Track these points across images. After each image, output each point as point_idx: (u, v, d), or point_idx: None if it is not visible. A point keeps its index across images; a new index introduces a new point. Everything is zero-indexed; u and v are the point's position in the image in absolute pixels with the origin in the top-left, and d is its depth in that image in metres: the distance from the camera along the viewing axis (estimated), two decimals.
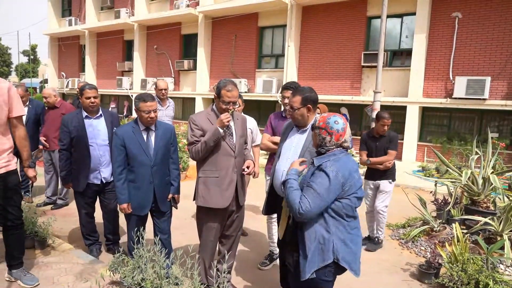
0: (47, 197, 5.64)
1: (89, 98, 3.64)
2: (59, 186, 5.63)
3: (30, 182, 3.26)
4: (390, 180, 4.49)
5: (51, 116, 5.34)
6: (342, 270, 2.15)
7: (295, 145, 2.77)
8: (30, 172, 3.14)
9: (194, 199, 3.06)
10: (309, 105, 2.72)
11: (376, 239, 4.55)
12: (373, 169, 4.50)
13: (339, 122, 2.18)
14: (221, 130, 2.84)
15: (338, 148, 2.18)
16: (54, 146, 5.24)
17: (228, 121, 2.86)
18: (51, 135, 5.31)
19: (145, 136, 3.18)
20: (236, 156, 2.99)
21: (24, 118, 4.78)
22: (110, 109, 16.15)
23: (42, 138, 5.35)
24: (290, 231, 2.33)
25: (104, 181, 3.76)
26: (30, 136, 5.02)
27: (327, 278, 2.12)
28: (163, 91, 5.59)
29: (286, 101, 3.57)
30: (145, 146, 3.15)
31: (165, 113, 5.57)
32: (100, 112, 3.79)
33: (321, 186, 2.03)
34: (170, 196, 3.35)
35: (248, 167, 3.00)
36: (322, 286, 2.15)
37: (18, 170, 3.23)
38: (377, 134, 4.50)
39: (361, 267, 2.23)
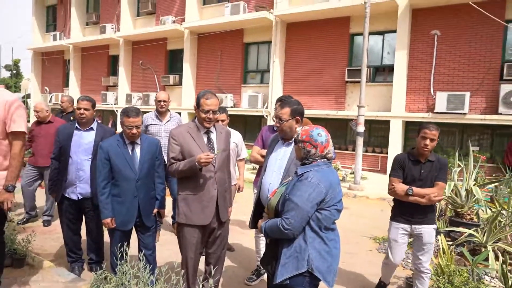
0: (26, 212, 5.43)
1: (79, 109, 3.58)
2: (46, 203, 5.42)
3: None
4: (435, 226, 3.31)
5: (43, 131, 5.11)
6: (317, 280, 2.17)
7: (281, 157, 2.78)
8: (4, 195, 2.75)
9: (173, 216, 3.02)
10: (297, 117, 2.75)
11: None
12: (410, 207, 3.21)
13: (322, 134, 2.21)
14: (198, 167, 2.75)
15: (323, 160, 2.21)
16: (47, 162, 4.66)
17: (206, 164, 2.73)
18: (45, 152, 4.98)
19: (130, 150, 3.13)
20: (216, 171, 2.93)
21: None
22: None
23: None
24: (272, 242, 2.35)
25: (80, 197, 3.60)
26: None
27: (304, 287, 2.14)
28: (162, 103, 4.86)
29: None
30: (130, 160, 3.11)
31: (163, 129, 4.81)
32: (93, 125, 3.68)
33: (301, 198, 2.06)
34: (155, 211, 3.29)
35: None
36: None
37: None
38: (422, 157, 3.24)
39: (348, 281, 2.23)
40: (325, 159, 2.22)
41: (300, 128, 2.30)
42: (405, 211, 3.26)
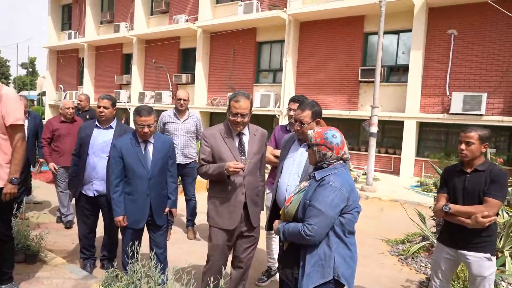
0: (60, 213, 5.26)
1: (99, 107, 3.64)
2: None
3: (22, 196, 3.06)
4: (489, 255, 2.59)
5: (70, 130, 4.96)
6: (341, 286, 2.10)
7: (298, 159, 2.71)
8: (7, 188, 2.80)
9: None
10: (318, 119, 2.70)
11: None
12: (455, 227, 2.65)
13: (337, 135, 2.14)
14: (226, 174, 2.69)
15: (339, 162, 2.14)
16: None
17: (234, 173, 2.68)
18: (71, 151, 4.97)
19: (142, 148, 3.14)
20: (245, 176, 2.82)
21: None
22: None
23: (46, 152, 4.97)
24: (292, 246, 2.27)
25: (96, 194, 3.67)
26: (29, 150, 4.92)
27: None
28: (182, 102, 4.80)
29: (292, 113, 3.54)
30: (142, 158, 3.11)
31: (181, 127, 4.82)
32: (112, 124, 3.72)
33: (325, 204, 1.99)
34: (167, 209, 3.28)
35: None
36: None
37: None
38: (467, 166, 2.68)
39: (361, 284, 2.19)
40: (341, 161, 2.15)
41: (312, 131, 2.22)
42: (451, 231, 2.70)
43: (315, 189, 2.08)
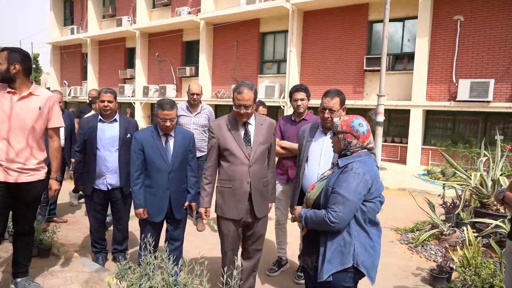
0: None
1: (103, 101, 3.63)
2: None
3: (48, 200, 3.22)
4: None
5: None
6: (360, 276, 2.09)
7: (326, 147, 2.74)
8: (54, 185, 3.09)
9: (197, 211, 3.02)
10: (345, 106, 2.79)
11: None
12: None
13: (363, 124, 2.12)
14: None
15: (364, 150, 2.12)
16: None
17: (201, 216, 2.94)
18: None
19: (163, 142, 3.14)
20: (251, 165, 2.81)
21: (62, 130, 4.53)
22: None
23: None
24: (312, 233, 2.26)
25: (110, 188, 3.69)
26: (67, 148, 4.87)
27: (347, 284, 2.05)
28: (195, 96, 4.77)
29: (300, 103, 3.54)
30: (163, 151, 3.12)
31: (193, 121, 4.82)
32: (116, 117, 3.73)
33: (349, 190, 1.97)
34: (186, 204, 3.29)
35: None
36: None
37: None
38: None
39: None
40: (366, 150, 2.13)
41: (338, 119, 2.20)
42: None
43: (338, 176, 2.06)
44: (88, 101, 6.08)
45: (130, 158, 3.21)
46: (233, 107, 2.81)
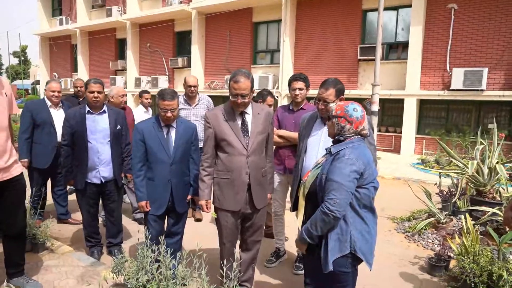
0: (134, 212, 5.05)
1: (92, 92, 3.49)
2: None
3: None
4: None
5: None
6: (358, 262, 2.11)
7: (324, 138, 2.68)
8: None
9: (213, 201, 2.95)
10: (341, 96, 2.70)
11: None
12: None
13: (358, 109, 2.12)
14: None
15: (357, 136, 2.11)
16: None
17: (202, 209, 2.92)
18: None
19: (165, 133, 3.06)
20: (249, 156, 2.77)
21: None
22: None
23: None
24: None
25: (103, 181, 3.60)
26: None
27: (346, 269, 2.08)
28: (192, 88, 4.79)
29: (298, 92, 3.49)
30: (164, 142, 3.03)
31: (192, 113, 4.84)
32: (104, 108, 3.62)
33: (342, 176, 1.97)
34: (189, 197, 3.23)
35: None
36: (342, 278, 2.10)
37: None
38: None
39: None
40: (359, 136, 2.12)
41: (334, 104, 2.20)
42: None
43: (331, 163, 2.06)
44: (74, 92, 5.79)
45: (132, 149, 3.14)
46: (230, 97, 2.74)
